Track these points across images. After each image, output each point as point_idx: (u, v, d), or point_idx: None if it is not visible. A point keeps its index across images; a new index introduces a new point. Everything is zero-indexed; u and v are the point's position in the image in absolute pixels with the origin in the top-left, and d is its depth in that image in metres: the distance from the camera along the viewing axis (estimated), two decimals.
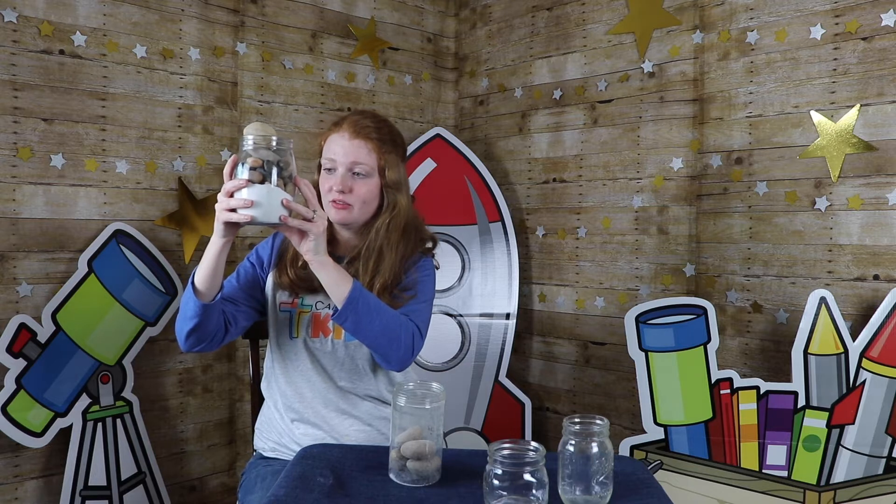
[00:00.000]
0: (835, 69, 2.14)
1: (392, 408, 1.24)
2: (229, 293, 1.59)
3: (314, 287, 1.55)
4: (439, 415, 1.22)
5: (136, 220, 2.34)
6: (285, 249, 1.63)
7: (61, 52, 2.20)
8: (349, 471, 1.27)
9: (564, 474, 1.13)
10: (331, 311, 1.57)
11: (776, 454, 2.03)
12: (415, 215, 1.68)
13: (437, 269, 1.69)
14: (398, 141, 1.67)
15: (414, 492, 1.18)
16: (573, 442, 1.13)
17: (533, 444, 1.08)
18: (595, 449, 1.12)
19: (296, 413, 1.59)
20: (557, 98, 2.83)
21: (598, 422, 1.14)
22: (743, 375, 2.14)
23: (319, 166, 1.66)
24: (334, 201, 1.57)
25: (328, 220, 1.60)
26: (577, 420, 1.15)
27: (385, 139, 1.63)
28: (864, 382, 1.97)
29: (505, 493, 1.04)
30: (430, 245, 1.69)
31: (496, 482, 1.05)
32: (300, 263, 1.57)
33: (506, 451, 1.06)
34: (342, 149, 1.58)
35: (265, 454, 1.64)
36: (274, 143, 1.29)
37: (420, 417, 1.21)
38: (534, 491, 1.04)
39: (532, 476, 1.04)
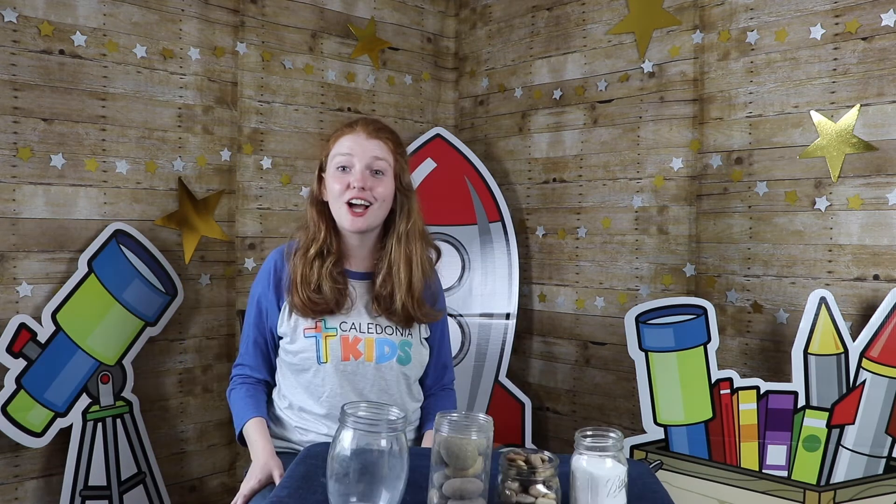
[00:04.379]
0: (835, 69, 2.15)
1: (434, 440, 1.08)
2: (270, 357, 1.67)
3: (329, 308, 1.55)
4: (487, 449, 1.08)
5: (136, 220, 2.34)
6: (290, 275, 1.59)
7: (61, 52, 2.20)
8: None
9: (576, 486, 1.11)
10: (367, 334, 1.58)
11: (776, 454, 2.03)
12: (423, 223, 1.68)
13: None
14: (405, 149, 1.67)
15: (420, 491, 1.17)
16: (586, 458, 1.09)
17: (546, 454, 1.07)
18: (609, 464, 1.08)
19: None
20: (557, 98, 2.83)
21: (612, 436, 1.09)
22: (743, 375, 2.14)
23: (320, 174, 1.62)
24: (352, 204, 1.53)
25: (335, 232, 1.60)
26: (589, 433, 1.10)
27: (398, 143, 1.63)
28: (864, 382, 1.97)
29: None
30: (435, 256, 1.70)
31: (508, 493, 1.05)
32: (312, 287, 1.55)
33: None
34: (360, 146, 1.55)
35: (278, 448, 1.65)
36: None
37: (465, 452, 1.05)
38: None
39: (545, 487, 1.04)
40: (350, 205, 1.53)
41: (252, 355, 1.67)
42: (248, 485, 1.48)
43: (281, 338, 1.62)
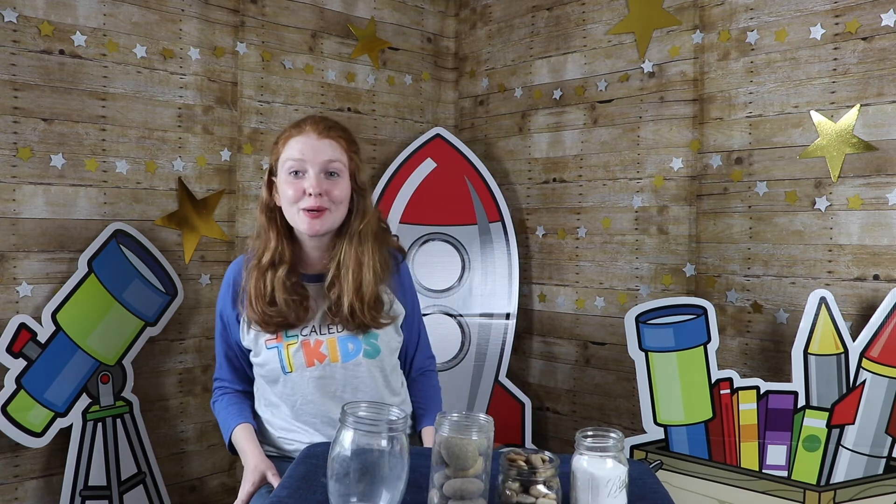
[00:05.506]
0: (835, 69, 2.15)
1: (434, 440, 1.08)
2: (243, 368, 1.65)
3: (288, 322, 1.50)
4: (487, 449, 1.08)
5: (136, 220, 2.34)
6: (245, 287, 1.54)
7: (61, 52, 2.20)
8: None
9: (576, 486, 1.11)
10: (328, 334, 1.53)
11: (776, 454, 2.04)
12: (380, 218, 1.62)
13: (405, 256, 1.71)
14: (359, 145, 1.60)
15: (420, 491, 1.17)
16: (587, 458, 1.09)
17: (546, 454, 1.07)
18: (610, 465, 1.08)
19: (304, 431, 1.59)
20: (557, 98, 2.83)
21: (612, 436, 1.09)
22: (743, 375, 2.14)
23: (269, 177, 1.55)
24: (309, 209, 1.46)
25: (288, 238, 1.54)
26: (589, 434, 1.10)
27: (351, 140, 1.56)
28: (864, 382, 1.97)
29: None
30: (401, 257, 1.66)
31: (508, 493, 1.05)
32: (267, 300, 1.50)
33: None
34: (311, 149, 1.47)
35: (267, 453, 1.64)
36: None
37: (465, 452, 1.05)
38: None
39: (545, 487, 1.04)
40: (308, 207, 1.47)
41: (226, 369, 1.66)
42: (243, 490, 1.48)
43: (249, 350, 1.58)
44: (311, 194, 1.46)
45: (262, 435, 1.63)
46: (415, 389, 1.73)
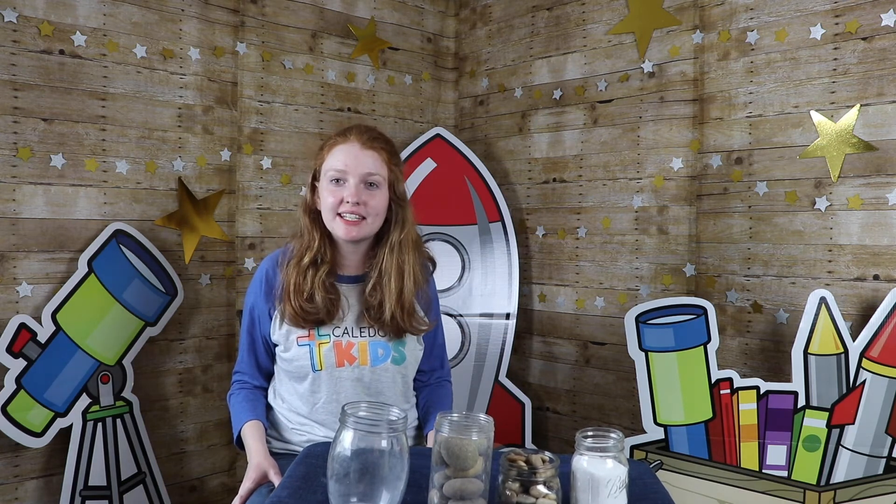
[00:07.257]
0: (835, 69, 2.15)
1: (434, 440, 1.08)
2: (266, 364, 1.67)
3: (320, 318, 1.55)
4: (487, 449, 1.07)
5: (136, 220, 2.34)
6: (283, 283, 1.59)
7: (61, 52, 2.20)
8: None
9: (576, 486, 1.11)
10: (360, 338, 1.58)
11: (776, 454, 2.04)
12: (418, 231, 1.68)
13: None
14: (400, 157, 1.67)
15: (420, 491, 1.17)
16: (587, 458, 1.09)
17: (547, 454, 1.07)
18: (610, 465, 1.08)
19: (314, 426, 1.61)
20: (557, 98, 2.83)
21: (612, 436, 1.10)
22: (743, 375, 2.14)
23: (313, 181, 1.61)
24: (345, 216, 1.53)
25: (329, 240, 1.60)
26: (590, 434, 1.10)
27: (393, 152, 1.62)
28: (864, 382, 1.97)
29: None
30: (431, 266, 1.71)
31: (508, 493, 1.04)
32: (305, 296, 1.54)
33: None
34: (354, 158, 1.54)
35: (273, 450, 1.65)
36: None
37: (465, 452, 1.05)
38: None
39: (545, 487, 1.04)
40: (342, 216, 1.53)
41: (247, 363, 1.68)
42: (244, 486, 1.50)
43: (276, 345, 1.62)
44: (349, 202, 1.52)
45: (275, 426, 1.65)
46: (427, 394, 1.75)
